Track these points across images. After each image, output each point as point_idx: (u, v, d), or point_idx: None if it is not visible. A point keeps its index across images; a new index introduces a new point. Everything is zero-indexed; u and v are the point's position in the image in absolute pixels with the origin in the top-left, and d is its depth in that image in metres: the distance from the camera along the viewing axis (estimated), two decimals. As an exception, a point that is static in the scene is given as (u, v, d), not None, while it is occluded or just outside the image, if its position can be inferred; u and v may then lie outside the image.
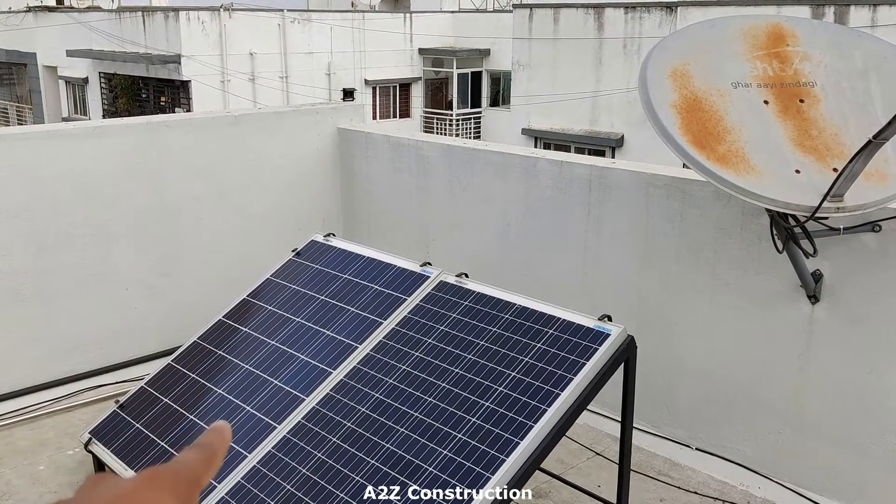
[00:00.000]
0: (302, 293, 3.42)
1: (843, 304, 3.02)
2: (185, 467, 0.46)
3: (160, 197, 4.22)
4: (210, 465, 0.47)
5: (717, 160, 2.45)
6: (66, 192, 3.93)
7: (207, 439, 0.49)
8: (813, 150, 2.59)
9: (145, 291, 4.23)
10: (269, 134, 4.57)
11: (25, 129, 3.99)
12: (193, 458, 0.47)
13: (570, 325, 2.77)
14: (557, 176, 3.80)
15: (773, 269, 3.12)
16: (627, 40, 17.73)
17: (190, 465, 0.46)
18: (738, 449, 3.37)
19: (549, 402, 2.57)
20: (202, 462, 0.47)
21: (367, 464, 2.61)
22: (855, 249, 2.94)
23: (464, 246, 4.23)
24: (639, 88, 2.61)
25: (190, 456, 0.47)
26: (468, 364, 2.80)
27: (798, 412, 3.18)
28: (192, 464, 0.46)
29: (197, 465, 0.46)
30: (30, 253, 3.86)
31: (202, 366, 3.26)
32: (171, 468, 0.45)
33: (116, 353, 4.15)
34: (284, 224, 4.62)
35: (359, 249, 3.53)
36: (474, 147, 4.25)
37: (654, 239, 3.51)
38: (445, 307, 3.06)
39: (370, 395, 2.84)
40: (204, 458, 0.47)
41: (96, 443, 3.19)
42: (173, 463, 0.46)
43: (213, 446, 0.48)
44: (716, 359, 3.39)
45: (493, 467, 2.44)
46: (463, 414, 2.64)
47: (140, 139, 4.15)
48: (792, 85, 2.72)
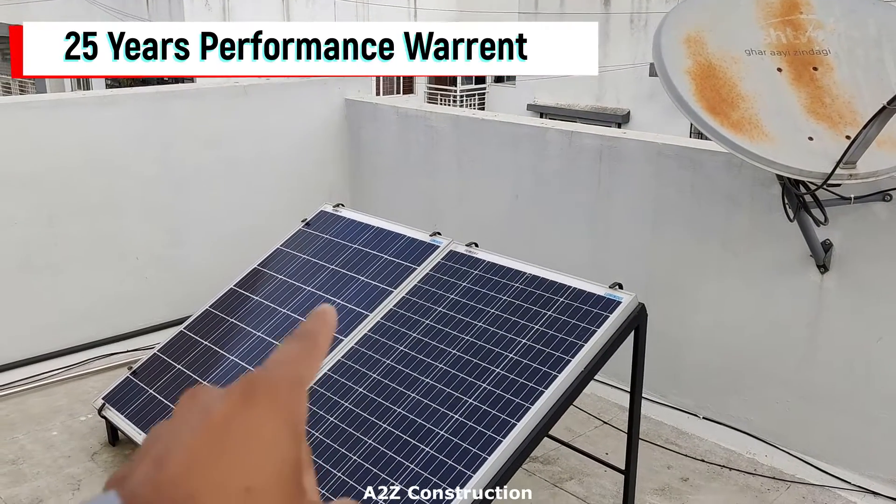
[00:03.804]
0: (312, 262, 3.43)
1: (853, 273, 3.02)
2: (283, 369, 0.39)
3: (169, 166, 4.23)
4: (312, 359, 0.41)
5: (731, 127, 2.45)
6: (75, 162, 3.93)
7: (307, 326, 0.42)
8: (826, 118, 2.58)
9: (155, 261, 4.24)
10: (277, 104, 4.56)
11: (34, 98, 4.00)
12: (292, 353, 0.41)
13: (581, 293, 2.78)
14: (567, 146, 3.80)
15: (783, 239, 3.13)
16: (634, 16, 17.61)
17: (289, 364, 0.40)
18: (745, 418, 3.39)
19: (559, 368, 2.58)
20: (303, 357, 0.41)
21: (379, 428, 2.63)
22: (865, 219, 2.94)
23: (472, 217, 4.23)
24: (653, 54, 2.60)
25: (288, 351, 0.41)
26: (479, 332, 2.82)
27: (806, 381, 3.20)
28: (292, 362, 0.40)
29: (298, 363, 0.40)
30: (40, 222, 3.87)
31: (214, 333, 3.29)
32: (269, 375, 0.39)
33: (126, 322, 4.18)
34: (292, 194, 4.63)
35: (368, 219, 3.53)
36: (483, 118, 4.24)
37: (664, 209, 3.51)
38: (456, 276, 3.07)
39: (381, 361, 2.86)
40: (305, 350, 0.41)
41: (110, 408, 3.22)
42: (270, 364, 0.40)
43: (315, 335, 0.42)
44: (724, 328, 3.40)
45: (503, 432, 2.46)
46: (474, 380, 2.66)
47: (149, 109, 4.14)
48: (806, 52, 2.71)
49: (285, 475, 0.37)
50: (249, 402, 0.37)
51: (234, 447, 0.36)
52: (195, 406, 0.38)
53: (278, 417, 0.37)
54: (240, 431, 0.36)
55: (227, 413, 0.36)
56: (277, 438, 0.37)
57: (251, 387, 0.38)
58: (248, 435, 0.36)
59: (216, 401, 0.37)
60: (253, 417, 0.36)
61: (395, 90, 26.20)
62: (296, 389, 0.39)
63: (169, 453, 0.36)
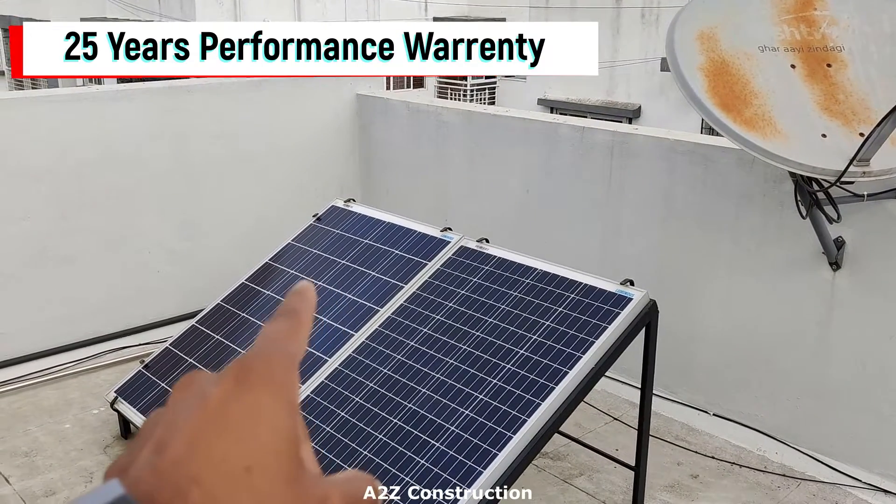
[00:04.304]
0: (323, 257, 3.44)
1: (865, 271, 3.01)
2: (273, 347, 0.40)
3: (182, 160, 4.24)
4: (298, 335, 0.41)
5: (744, 124, 2.44)
6: (89, 156, 3.95)
7: (289, 304, 0.43)
8: (840, 115, 2.57)
9: (167, 255, 4.26)
10: (289, 99, 4.57)
11: (49, 93, 4.01)
12: (279, 331, 0.41)
13: (592, 290, 2.78)
14: (578, 142, 3.79)
15: (795, 236, 3.12)
16: (645, 10, 17.51)
17: (276, 343, 0.40)
18: (755, 415, 3.39)
19: (570, 364, 2.59)
20: (290, 333, 0.41)
21: (389, 423, 2.64)
22: (878, 216, 2.93)
23: (482, 212, 4.23)
24: (666, 51, 2.60)
25: (275, 329, 0.41)
26: (489, 328, 2.82)
27: (817, 378, 3.19)
28: (279, 341, 0.40)
29: (286, 340, 0.40)
30: (53, 216, 3.90)
31: (226, 327, 3.30)
32: (259, 356, 0.39)
33: (139, 316, 4.20)
34: (304, 189, 4.64)
35: (379, 214, 3.54)
36: (494, 113, 4.24)
37: (676, 205, 3.50)
38: (466, 271, 3.08)
39: (392, 356, 2.87)
40: (290, 327, 0.41)
41: (122, 401, 3.24)
42: (259, 344, 0.40)
43: (297, 311, 0.42)
44: (735, 325, 3.40)
45: (513, 428, 2.47)
46: (484, 376, 2.67)
47: (162, 103, 4.16)
48: (819, 49, 2.69)
49: (284, 451, 0.37)
50: (244, 383, 0.37)
51: (233, 428, 0.36)
52: (191, 392, 0.38)
53: (273, 395, 0.37)
54: (237, 412, 0.36)
55: (222, 395, 0.37)
56: (275, 416, 0.37)
57: (244, 368, 0.38)
58: (246, 415, 0.36)
59: (211, 385, 0.38)
60: (249, 397, 0.37)
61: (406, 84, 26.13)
62: (287, 365, 0.39)
63: (168, 439, 0.36)
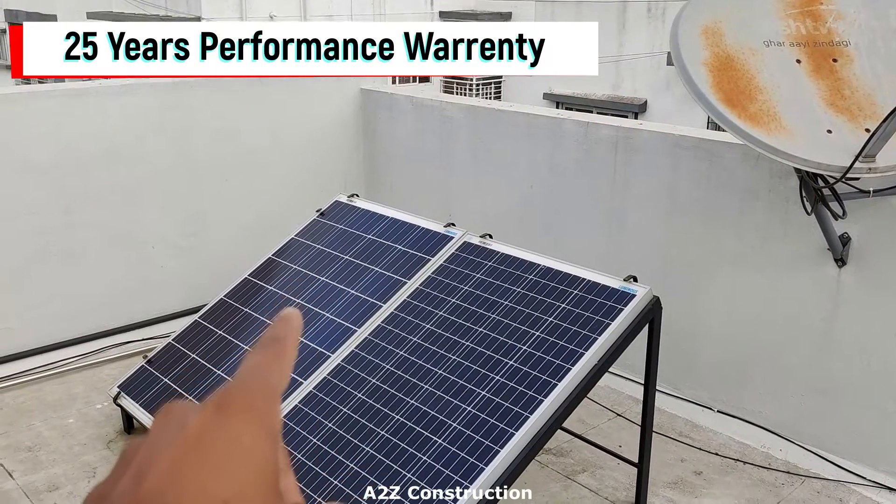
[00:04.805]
0: (327, 253, 3.43)
1: (871, 267, 2.99)
2: (254, 378, 0.39)
3: (186, 155, 4.24)
4: (282, 365, 0.40)
5: (749, 119, 2.43)
6: (93, 151, 3.95)
7: (272, 332, 0.41)
8: (845, 110, 2.55)
9: (170, 249, 4.26)
10: (293, 94, 4.56)
11: (53, 87, 4.01)
12: (262, 361, 0.40)
13: (596, 286, 2.77)
14: (583, 137, 3.78)
15: (800, 232, 3.10)
16: (652, 4, 17.44)
17: (259, 372, 0.39)
18: (760, 411, 3.37)
19: (573, 361, 2.58)
20: (273, 363, 0.40)
21: (391, 419, 2.64)
22: (884, 212, 2.91)
23: (486, 208, 4.22)
24: (670, 46, 2.58)
25: (258, 359, 0.40)
26: (492, 323, 2.81)
27: (822, 375, 3.18)
28: (262, 370, 0.40)
29: (267, 370, 0.40)
30: (57, 210, 3.90)
31: (229, 322, 3.30)
32: (240, 386, 0.38)
33: (142, 311, 4.20)
34: (307, 184, 4.63)
35: (382, 210, 3.53)
36: (499, 108, 4.22)
37: (680, 201, 3.49)
38: (470, 267, 3.07)
39: (395, 352, 2.87)
40: (273, 357, 0.40)
41: (125, 397, 3.24)
42: (241, 374, 0.39)
43: (281, 339, 0.41)
44: (739, 321, 3.38)
45: (516, 424, 2.46)
46: (487, 372, 2.66)
47: (166, 98, 4.16)
48: (825, 44, 2.67)
49: (263, 483, 0.36)
50: (224, 413, 0.37)
51: (211, 458, 0.35)
52: (171, 421, 0.38)
53: (254, 426, 0.37)
54: (216, 443, 0.36)
55: (202, 424, 0.36)
56: (255, 446, 0.37)
57: (225, 399, 0.37)
58: (225, 445, 0.36)
59: (191, 414, 0.37)
60: (229, 428, 0.36)
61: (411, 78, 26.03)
62: (269, 395, 0.39)
63: (147, 468, 0.35)
